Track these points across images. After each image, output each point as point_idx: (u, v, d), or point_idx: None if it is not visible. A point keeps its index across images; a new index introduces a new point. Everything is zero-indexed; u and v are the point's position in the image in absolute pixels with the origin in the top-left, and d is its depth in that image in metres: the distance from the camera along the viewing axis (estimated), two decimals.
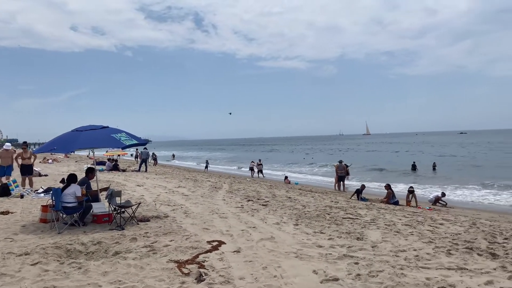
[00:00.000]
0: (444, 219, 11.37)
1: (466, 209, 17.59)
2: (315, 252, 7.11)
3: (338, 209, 12.32)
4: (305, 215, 10.93)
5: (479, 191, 22.97)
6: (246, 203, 12.93)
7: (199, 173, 30.34)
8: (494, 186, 24.42)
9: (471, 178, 29.03)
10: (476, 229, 9.88)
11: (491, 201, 20.06)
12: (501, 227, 10.46)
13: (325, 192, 21.19)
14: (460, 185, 25.39)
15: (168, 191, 15.86)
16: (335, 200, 15.46)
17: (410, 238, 8.47)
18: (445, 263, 6.55)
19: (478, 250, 7.47)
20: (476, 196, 21.36)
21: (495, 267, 6.36)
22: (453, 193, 22.32)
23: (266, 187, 19.61)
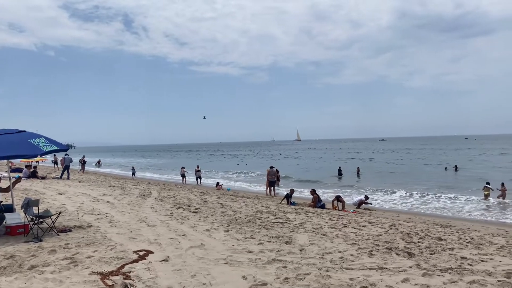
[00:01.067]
0: (367, 221, 12.01)
1: (387, 211, 18.73)
2: (245, 258, 7.12)
3: (268, 214, 12.50)
4: (236, 221, 10.94)
5: (398, 194, 24.57)
6: (176, 211, 12.65)
7: (126, 180, 29.18)
8: (411, 190, 26.27)
9: (391, 183, 31.04)
10: (395, 230, 10.55)
11: (408, 204, 21.55)
12: (417, 228, 11.27)
13: (257, 197, 21.40)
14: (381, 188, 27.00)
15: (92, 199, 15.04)
16: (266, 205, 15.67)
17: (336, 240, 8.82)
18: (367, 264, 6.90)
19: (397, 250, 7.97)
20: (396, 199, 22.83)
21: (411, 265, 6.82)
22: (375, 196, 23.65)
23: (197, 193, 19.37)
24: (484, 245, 8.94)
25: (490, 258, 7.57)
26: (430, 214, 18.38)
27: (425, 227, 11.55)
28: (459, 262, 7.13)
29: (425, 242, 8.94)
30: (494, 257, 7.64)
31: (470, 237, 9.93)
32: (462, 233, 10.69)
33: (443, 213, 18.75)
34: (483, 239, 9.76)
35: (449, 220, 15.52)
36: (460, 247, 8.56)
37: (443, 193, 24.30)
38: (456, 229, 11.80)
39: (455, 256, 7.58)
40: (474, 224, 15.26)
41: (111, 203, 13.99)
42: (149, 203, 14.52)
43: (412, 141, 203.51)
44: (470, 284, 5.84)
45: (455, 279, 6.05)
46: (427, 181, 31.55)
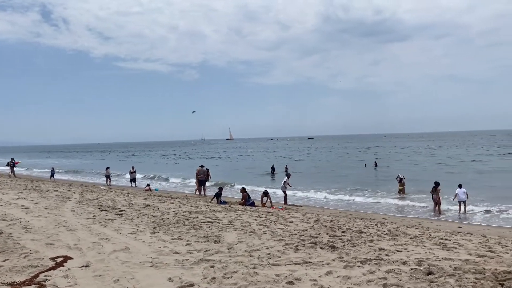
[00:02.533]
0: (294, 217, 12.35)
1: (313, 207, 19.44)
2: (171, 259, 6.96)
3: (197, 214, 12.35)
4: (163, 222, 10.67)
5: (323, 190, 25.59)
6: (99, 214, 12.04)
7: (45, 182, 27.21)
8: (335, 186, 27.52)
9: (317, 179, 32.30)
10: (320, 225, 10.96)
11: (331, 200, 22.54)
12: (340, 222, 11.82)
13: (186, 197, 21.09)
14: (308, 185, 27.95)
15: (4, 203, 13.81)
16: (195, 205, 15.48)
17: (264, 237, 8.95)
18: (293, 259, 7.08)
19: (321, 244, 8.28)
20: (321, 196, 23.75)
21: (334, 258, 7.12)
22: (303, 192, 24.43)
23: (122, 195, 18.61)
24: (400, 236, 9.60)
25: (405, 248, 8.14)
26: (352, 208, 19.39)
27: (347, 221, 12.14)
28: (377, 253, 7.58)
29: (347, 235, 9.40)
30: (408, 247, 8.24)
31: (388, 229, 10.61)
32: (380, 226, 11.40)
33: (364, 207, 19.88)
34: (399, 231, 10.49)
35: (369, 214, 16.50)
36: (379, 239, 9.11)
37: (363, 188, 25.77)
38: (375, 222, 12.56)
39: (374, 248, 8.06)
40: (391, 216, 16.38)
41: (26, 207, 12.94)
42: (70, 206, 13.66)
43: (337, 139, 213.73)
44: (386, 273, 6.22)
45: (373, 270, 6.41)
46: (348, 178, 33.29)
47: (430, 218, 16.79)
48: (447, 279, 5.95)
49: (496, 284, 5.70)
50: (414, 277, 6.05)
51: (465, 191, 17.73)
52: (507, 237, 10.68)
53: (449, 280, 5.87)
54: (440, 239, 9.38)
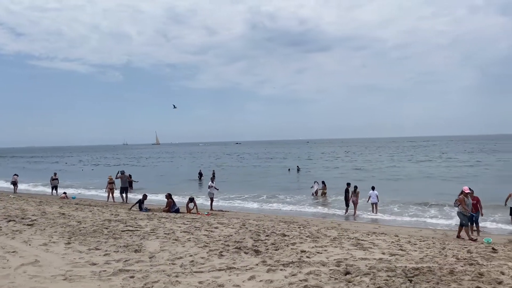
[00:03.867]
0: (219, 223, 12.28)
1: (239, 212, 19.51)
2: (87, 271, 6.54)
3: (117, 222, 11.79)
4: (79, 232, 10.02)
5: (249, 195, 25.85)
6: (5, 225, 10.99)
7: None
8: (260, 191, 27.95)
9: (244, 184, 32.58)
10: (245, 229, 11.01)
11: (257, 204, 22.84)
12: (264, 226, 11.98)
13: (106, 205, 20.05)
14: (234, 190, 28.07)
15: None
16: (115, 212, 14.77)
17: (187, 244, 8.77)
18: (217, 265, 7.02)
19: (245, 249, 8.31)
20: (246, 200, 23.97)
21: (257, 263, 7.18)
22: (229, 198, 24.46)
23: (34, 204, 17.20)
24: (320, 238, 9.97)
25: (325, 249, 8.46)
26: (277, 212, 19.80)
27: (271, 225, 12.35)
28: (299, 256, 7.79)
29: (271, 239, 9.55)
30: (328, 248, 8.57)
31: (309, 232, 10.97)
32: (303, 228, 11.74)
33: (288, 210, 20.41)
34: (320, 233, 10.89)
35: (292, 217, 16.93)
36: (301, 241, 9.38)
37: (287, 192, 26.48)
38: (298, 225, 12.92)
39: (296, 250, 8.27)
40: (313, 219, 16.97)
41: None
42: None
43: (264, 144, 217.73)
44: (307, 275, 6.40)
45: (295, 272, 6.57)
46: (273, 182, 34.05)
47: (348, 220, 17.68)
48: (363, 278, 6.27)
49: (406, 280, 6.12)
50: (333, 277, 6.29)
51: (377, 193, 18.93)
52: (416, 236, 11.58)
53: (365, 279, 6.19)
54: (357, 239, 9.89)
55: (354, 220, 17.68)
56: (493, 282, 6.11)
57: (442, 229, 14.86)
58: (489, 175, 34.87)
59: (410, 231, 13.53)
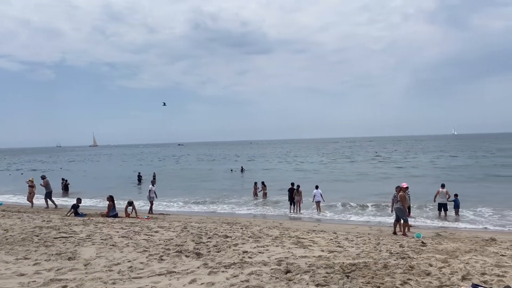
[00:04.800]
0: (160, 227, 11.98)
1: (180, 215, 19.16)
2: (14, 283, 6.09)
3: (50, 229, 11.10)
4: (6, 241, 9.31)
5: (191, 197, 25.52)
6: None
7: None
8: (203, 192, 27.70)
9: (186, 186, 32.12)
10: (186, 232, 10.84)
11: (202, 205, 22.61)
12: (207, 228, 11.86)
13: (37, 211, 18.81)
14: (176, 192, 27.58)
15: None
16: (47, 219, 13.90)
17: (126, 249, 8.46)
18: (157, 270, 6.83)
19: (186, 252, 8.18)
20: (190, 202, 23.63)
21: (199, 266, 7.08)
22: (171, 200, 23.96)
23: None
24: (262, 237, 10.05)
25: (266, 249, 8.55)
26: (220, 213, 19.71)
27: (214, 227, 12.26)
28: (241, 256, 7.80)
29: (213, 241, 9.48)
30: (269, 248, 8.67)
31: (252, 232, 11.03)
32: (245, 229, 11.78)
33: (231, 211, 20.40)
34: (262, 232, 10.99)
35: (235, 218, 16.94)
36: (243, 242, 9.40)
37: (231, 193, 26.48)
38: (241, 226, 12.94)
39: (238, 251, 8.27)
40: (256, 219, 17.09)
41: None
42: None
43: (207, 145, 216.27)
44: (249, 275, 6.42)
45: (237, 273, 6.56)
46: (216, 183, 33.92)
47: (290, 218, 18.03)
48: (303, 275, 6.40)
49: (343, 276, 6.34)
50: (274, 276, 6.36)
51: (321, 192, 19.52)
52: (353, 233, 12.04)
53: (305, 277, 6.32)
54: (298, 238, 10.10)
55: (297, 218, 18.06)
56: (422, 273, 6.50)
57: (378, 225, 15.57)
58: (420, 174, 37.19)
59: (348, 228, 14.04)
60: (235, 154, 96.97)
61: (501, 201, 20.32)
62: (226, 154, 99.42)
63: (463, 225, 15.83)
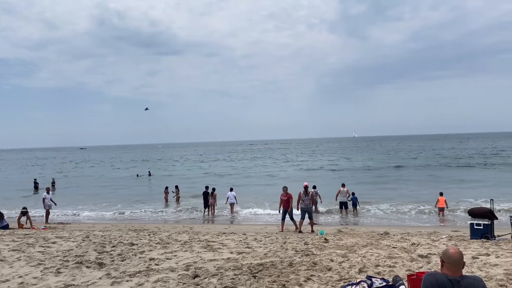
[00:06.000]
0: (58, 237, 11.09)
1: (83, 223, 17.95)
2: None
3: None
4: None
5: (95, 205, 24.06)
6: None
7: None
8: (108, 199, 26.29)
9: (89, 193, 30.21)
10: (88, 241, 10.17)
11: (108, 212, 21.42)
12: (111, 236, 11.26)
13: None
14: (79, 200, 25.81)
15: None
16: None
17: (17, 264, 7.68)
18: (53, 284, 6.30)
19: (88, 263, 7.66)
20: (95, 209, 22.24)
21: (101, 276, 6.67)
22: (72, 209, 22.32)
23: None
24: (171, 243, 9.81)
25: (174, 255, 8.36)
26: (126, 220, 18.86)
27: (119, 234, 11.68)
28: (148, 264, 7.52)
29: (118, 249, 9.02)
30: (178, 253, 8.49)
31: (160, 238, 10.71)
32: (153, 235, 11.41)
33: (139, 217, 19.64)
34: (171, 238, 10.73)
35: (143, 224, 16.33)
36: (150, 249, 9.08)
37: (137, 199, 25.53)
38: (149, 232, 12.50)
39: (144, 259, 7.96)
40: (165, 225, 16.65)
41: None
42: None
43: (112, 149, 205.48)
44: (155, 283, 6.21)
45: (142, 281, 6.31)
46: (122, 189, 32.49)
47: (203, 222, 17.90)
48: (211, 279, 6.37)
49: (251, 277, 6.43)
50: (181, 282, 6.24)
51: (234, 194, 19.75)
52: (261, 233, 12.32)
53: (212, 280, 6.29)
54: (208, 241, 10.05)
55: (208, 222, 18.00)
56: (324, 269, 6.85)
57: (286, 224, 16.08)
58: (322, 175, 39.40)
59: (257, 229, 14.33)
60: (144, 158, 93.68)
61: (394, 198, 22.38)
62: (134, 158, 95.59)
63: (362, 221, 17.11)
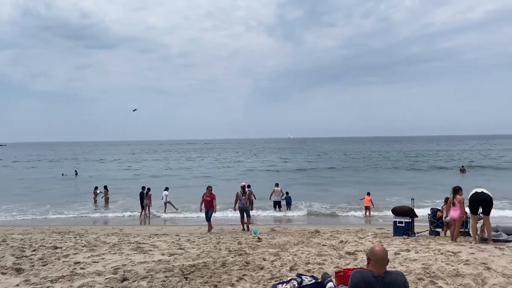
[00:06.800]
0: None
1: (1, 226, 16.58)
2: None
3: None
4: None
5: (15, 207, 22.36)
6: None
7: None
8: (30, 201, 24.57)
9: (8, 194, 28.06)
10: (5, 246, 9.41)
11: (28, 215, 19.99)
12: (32, 239, 10.50)
13: None
14: None
15: None
16: None
17: None
18: None
19: (3, 269, 7.06)
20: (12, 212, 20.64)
21: (18, 283, 6.18)
22: None
23: None
24: (98, 246, 9.36)
25: (102, 258, 7.97)
26: (50, 222, 17.72)
27: (41, 238, 10.93)
28: (72, 268, 7.10)
29: (39, 253, 8.43)
30: (106, 256, 8.11)
31: (86, 240, 10.18)
32: (79, 238, 10.82)
33: (65, 219, 18.57)
34: (98, 240, 10.24)
35: (69, 227, 15.41)
36: (76, 252, 8.60)
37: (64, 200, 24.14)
38: (75, 235, 11.84)
39: (69, 263, 7.51)
40: (93, 227, 15.87)
41: None
42: None
43: (37, 146, 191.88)
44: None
45: (65, 287, 5.94)
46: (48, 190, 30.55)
47: (134, 223, 17.30)
48: (140, 282, 6.15)
49: (182, 278, 6.30)
50: (109, 286, 5.96)
51: (167, 193, 19.40)
52: (195, 234, 12.18)
53: (142, 283, 6.08)
54: (138, 243, 9.73)
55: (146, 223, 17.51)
56: (256, 268, 6.90)
57: (220, 224, 16.04)
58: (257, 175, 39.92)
59: (191, 229, 14.15)
60: (71, 156, 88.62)
61: (326, 197, 23.27)
62: (60, 156, 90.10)
63: (294, 219, 17.56)
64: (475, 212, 8.96)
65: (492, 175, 34.98)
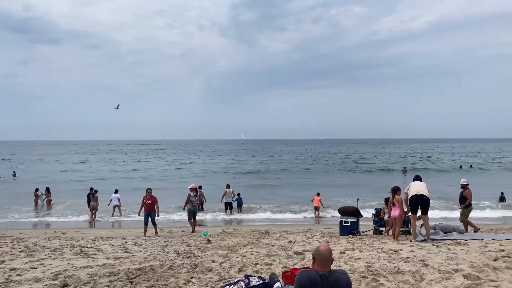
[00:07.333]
0: None
1: None
2: None
3: None
4: None
5: None
6: None
7: None
8: None
9: None
10: None
11: None
12: None
13: None
14: None
15: None
16: None
17: None
18: None
19: None
20: None
21: None
22: None
23: None
24: (38, 251, 8.90)
25: (41, 263, 7.57)
26: None
27: None
28: (8, 275, 6.69)
29: None
30: (45, 262, 7.71)
31: (25, 245, 9.64)
32: (17, 243, 10.22)
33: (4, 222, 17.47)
34: (38, 245, 9.72)
35: (6, 231, 14.48)
36: (12, 257, 8.11)
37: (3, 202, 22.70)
38: (12, 239, 11.16)
39: (4, 269, 7.07)
40: (33, 230, 15.05)
41: None
42: None
43: None
44: None
45: None
46: None
47: (76, 227, 16.58)
48: (82, 287, 5.90)
49: (127, 282, 6.12)
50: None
51: (119, 196, 18.77)
52: (143, 237, 11.88)
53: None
54: (82, 247, 9.35)
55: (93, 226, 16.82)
56: (205, 270, 6.84)
57: (167, 226, 15.74)
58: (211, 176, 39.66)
59: (139, 233, 13.77)
60: (9, 155, 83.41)
61: (277, 198, 23.56)
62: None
63: (245, 221, 17.62)
64: (415, 211, 9.46)
65: (433, 176, 37.02)
